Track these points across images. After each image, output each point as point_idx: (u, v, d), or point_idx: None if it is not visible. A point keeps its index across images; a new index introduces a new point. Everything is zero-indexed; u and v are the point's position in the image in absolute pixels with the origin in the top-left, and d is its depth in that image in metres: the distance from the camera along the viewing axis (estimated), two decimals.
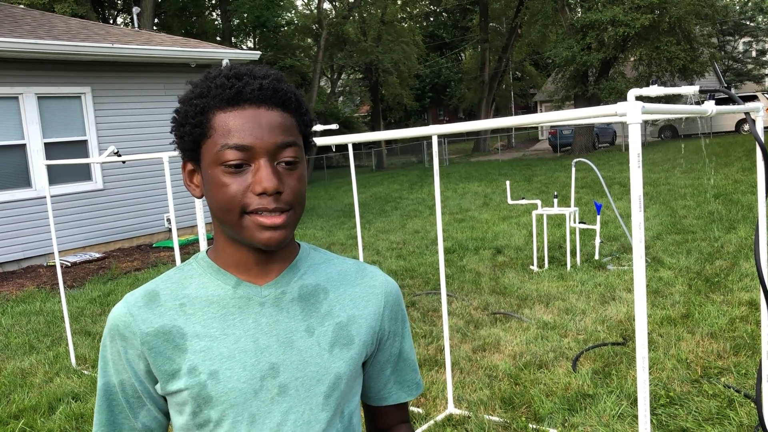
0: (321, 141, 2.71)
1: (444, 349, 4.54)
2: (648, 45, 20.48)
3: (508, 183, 6.97)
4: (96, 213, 9.86)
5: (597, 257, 6.91)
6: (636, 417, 3.36)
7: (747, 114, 2.40)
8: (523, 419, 3.43)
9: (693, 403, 3.44)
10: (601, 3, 20.72)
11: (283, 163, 0.93)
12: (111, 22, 29.11)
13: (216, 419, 0.95)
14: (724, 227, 7.83)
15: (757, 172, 2.37)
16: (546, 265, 6.83)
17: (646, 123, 24.69)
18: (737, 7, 34.39)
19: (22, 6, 14.33)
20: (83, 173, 9.82)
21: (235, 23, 29.61)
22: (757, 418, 3.17)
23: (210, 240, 10.10)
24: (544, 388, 3.81)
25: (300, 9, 36.22)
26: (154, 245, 10.37)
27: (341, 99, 41.97)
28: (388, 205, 13.94)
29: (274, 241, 0.92)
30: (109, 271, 8.55)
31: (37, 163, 9.15)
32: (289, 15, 33.83)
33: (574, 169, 7.02)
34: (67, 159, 8.23)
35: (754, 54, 35.08)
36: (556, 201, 6.76)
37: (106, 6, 28.91)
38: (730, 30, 34.02)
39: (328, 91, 35.01)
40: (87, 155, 9.73)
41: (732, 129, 24.51)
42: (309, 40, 33.93)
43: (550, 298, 5.65)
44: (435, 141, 3.48)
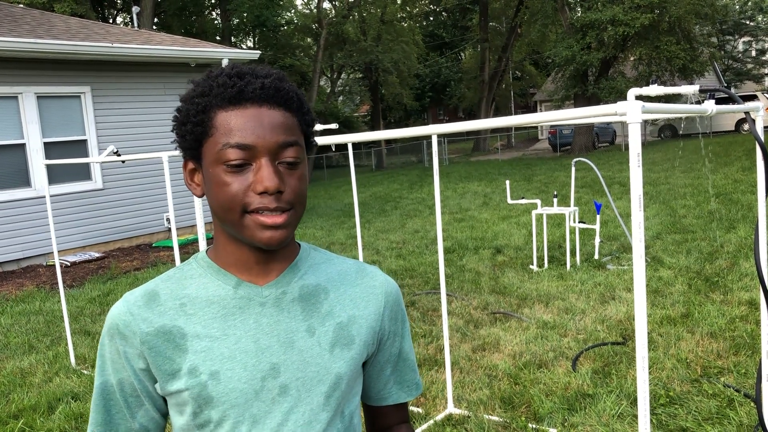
0: (321, 140, 2.70)
1: (444, 349, 4.54)
2: (648, 44, 20.48)
3: (507, 182, 6.97)
4: (95, 212, 9.86)
5: (597, 257, 6.91)
6: (636, 416, 3.36)
7: (747, 113, 2.40)
8: (523, 419, 3.43)
9: (693, 403, 3.44)
10: (601, 2, 20.72)
11: (285, 163, 0.93)
12: (110, 21, 29.10)
13: (217, 420, 0.95)
14: (723, 227, 7.83)
15: (757, 171, 2.36)
16: (546, 265, 6.83)
17: (645, 122, 24.69)
18: (737, 7, 34.38)
19: (21, 5, 14.32)
20: (83, 173, 9.81)
21: (235, 23, 29.60)
22: (757, 417, 3.17)
23: (210, 239, 10.10)
24: (543, 387, 3.81)
25: (300, 8, 36.23)
26: (153, 245, 10.37)
27: (341, 98, 41.97)
28: (387, 205, 13.93)
29: (275, 241, 0.92)
30: (109, 271, 8.54)
31: (37, 163, 9.15)
32: (289, 14, 33.84)
33: (573, 169, 7.02)
34: (67, 159, 8.22)
35: (753, 53, 35.08)
36: (555, 200, 6.76)
37: (105, 5, 28.89)
38: (729, 29, 34.01)
39: (327, 91, 35.02)
40: (86, 155, 9.73)
41: (732, 128, 24.51)
42: (309, 39, 33.93)
43: (549, 297, 5.65)
44: (435, 140, 3.49)
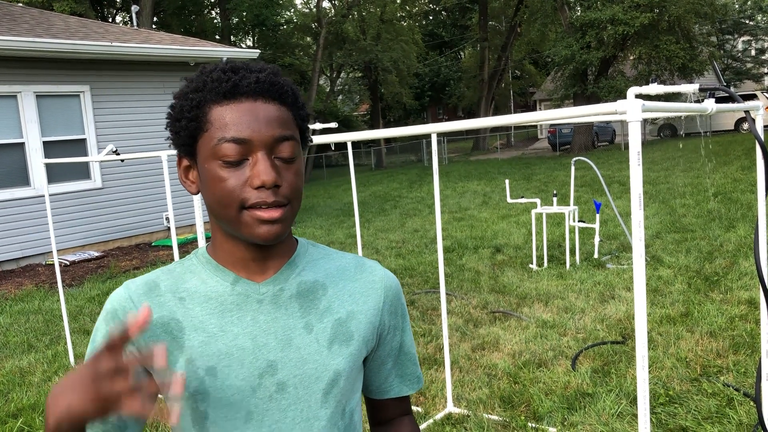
0: (320, 139, 2.70)
1: (443, 348, 4.53)
2: (647, 44, 20.48)
3: (507, 182, 6.97)
4: (95, 212, 9.85)
5: (596, 256, 6.91)
6: (635, 416, 3.36)
7: (747, 112, 2.40)
8: (523, 418, 3.42)
9: (692, 402, 3.44)
10: (601, 2, 20.72)
11: (281, 157, 0.92)
12: (110, 20, 29.08)
13: (213, 416, 0.94)
14: (723, 226, 7.82)
15: (757, 170, 2.36)
16: (545, 264, 6.83)
17: (645, 122, 24.69)
18: (736, 6, 34.39)
19: (20, 4, 14.31)
20: (82, 172, 9.80)
21: (234, 22, 29.59)
22: (757, 416, 3.16)
23: (209, 238, 10.10)
24: (543, 386, 3.81)
25: (299, 7, 36.21)
26: (152, 244, 10.37)
27: (340, 98, 41.95)
28: (387, 204, 13.93)
29: (272, 235, 0.91)
30: (108, 270, 8.54)
31: (36, 162, 9.14)
32: (288, 13, 33.84)
33: (573, 168, 7.01)
34: (66, 157, 8.23)
35: (753, 53, 35.09)
36: (555, 200, 6.76)
37: (104, 4, 28.87)
38: (729, 29, 34.02)
39: (327, 90, 34.99)
40: (86, 154, 9.72)
41: (731, 128, 24.51)
42: (308, 38, 33.92)
43: (549, 296, 5.65)
44: (434, 139, 3.48)
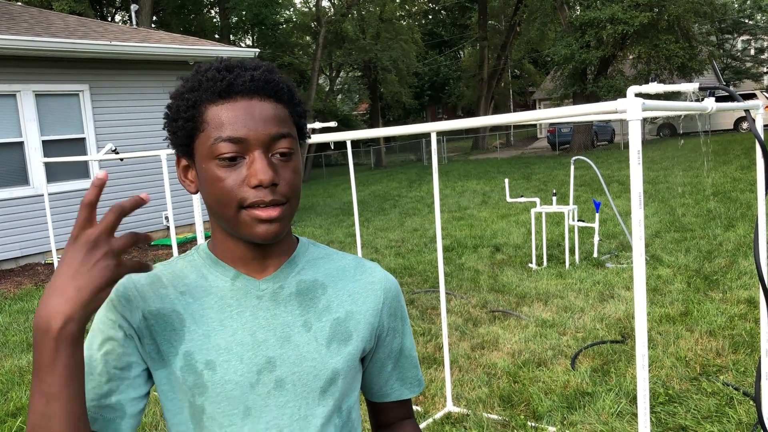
0: (320, 138, 2.70)
1: (443, 347, 4.53)
2: (647, 43, 20.48)
3: (506, 181, 6.97)
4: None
5: (596, 255, 6.91)
6: (635, 415, 3.36)
7: (747, 111, 2.39)
8: (522, 417, 3.42)
9: (692, 401, 3.44)
10: (600, 1, 20.72)
11: (278, 155, 0.91)
12: (109, 19, 29.07)
13: (210, 410, 0.94)
14: (722, 225, 7.82)
15: (757, 170, 2.36)
16: (545, 263, 6.83)
17: (644, 121, 24.68)
18: (736, 5, 34.40)
19: (19, 3, 14.30)
20: (81, 171, 9.80)
21: (234, 21, 29.58)
22: (756, 416, 3.16)
23: (208, 237, 10.09)
24: (542, 386, 3.81)
25: (298, 6, 36.20)
26: (152, 243, 10.36)
27: (340, 97, 41.94)
28: (386, 204, 13.93)
29: (270, 234, 0.91)
30: None
31: (35, 161, 9.13)
32: (288, 13, 33.82)
33: (572, 167, 7.01)
34: (65, 157, 8.22)
35: (752, 52, 35.10)
36: (554, 199, 6.76)
37: (103, 3, 28.86)
38: (728, 28, 34.03)
39: (326, 89, 34.98)
40: (85, 153, 9.72)
41: (730, 127, 24.51)
42: (307, 37, 33.90)
43: (548, 296, 5.65)
44: (434, 138, 3.47)
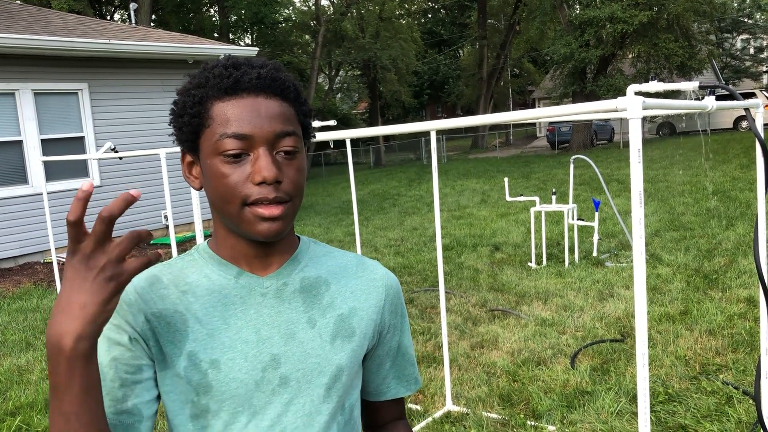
0: (319, 136, 2.69)
1: (442, 346, 4.53)
2: (646, 42, 20.48)
3: (506, 180, 6.96)
4: (93, 210, 9.84)
5: (595, 254, 6.91)
6: (634, 414, 3.36)
7: (747, 110, 2.39)
8: (522, 416, 3.42)
9: (691, 400, 3.44)
10: (599, 0, 20.71)
11: (282, 153, 0.92)
12: (108, 18, 29.04)
13: (215, 409, 0.94)
14: (722, 224, 7.83)
15: (757, 169, 2.36)
16: (544, 262, 6.82)
17: (644, 120, 24.69)
18: (735, 4, 34.41)
19: (18, 2, 14.29)
20: (80, 170, 9.79)
21: (233, 19, 29.57)
22: (756, 414, 3.16)
23: (207, 236, 10.08)
24: (542, 385, 3.81)
25: (298, 5, 36.18)
26: (151, 242, 10.36)
27: (339, 96, 41.92)
28: (386, 202, 13.93)
29: (272, 232, 0.91)
30: None
31: (34, 160, 9.12)
32: (287, 11, 33.80)
33: (572, 166, 7.01)
34: (64, 155, 8.21)
35: (752, 51, 35.11)
36: (554, 198, 6.76)
37: (102, 2, 28.84)
38: (728, 27, 34.05)
39: (325, 88, 34.98)
40: (84, 152, 9.70)
41: (730, 126, 24.52)
42: (307, 36, 33.89)
43: (548, 294, 5.65)
44: (433, 137, 3.47)
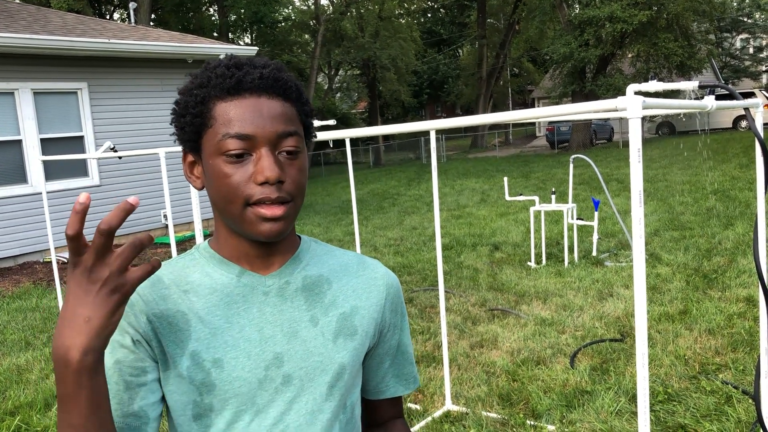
0: (319, 136, 2.69)
1: (441, 346, 4.53)
2: (646, 41, 20.48)
3: (505, 179, 6.96)
4: (92, 209, 9.83)
5: (594, 254, 6.91)
6: (634, 413, 3.36)
7: (746, 110, 2.39)
8: (521, 416, 3.42)
9: (691, 400, 3.44)
10: None
11: (285, 153, 0.92)
12: (107, 17, 29.03)
13: (218, 408, 0.94)
14: (721, 224, 7.83)
15: (756, 168, 2.36)
16: (544, 262, 6.83)
17: (643, 119, 24.70)
18: (735, 4, 34.42)
19: (17, 1, 14.27)
20: (79, 169, 9.78)
21: (232, 19, 29.57)
22: (755, 414, 3.17)
23: (206, 236, 10.08)
24: (541, 384, 3.81)
25: (297, 5, 36.17)
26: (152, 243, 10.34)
27: (338, 95, 41.92)
28: (385, 202, 13.93)
29: (274, 233, 0.91)
30: None
31: (33, 159, 9.11)
32: (287, 11, 33.80)
33: (571, 166, 7.01)
34: (63, 155, 8.20)
35: (751, 51, 35.12)
36: (553, 197, 6.76)
37: (102, 1, 28.82)
38: (727, 27, 34.05)
39: (325, 87, 34.98)
40: (83, 151, 9.70)
41: (729, 126, 24.53)
42: (306, 36, 33.89)
43: (547, 294, 5.65)
44: (433, 136, 3.47)
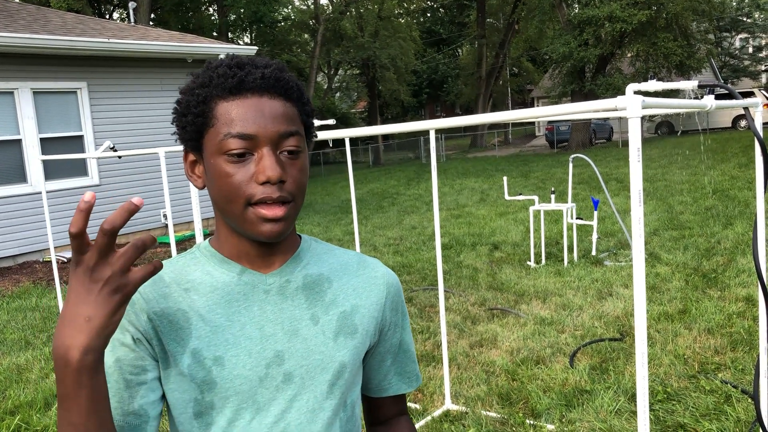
0: (318, 135, 2.69)
1: (441, 345, 4.53)
2: (645, 41, 20.48)
3: (505, 179, 6.96)
4: (92, 208, 9.84)
5: (594, 253, 6.91)
6: (633, 413, 3.37)
7: (746, 109, 2.40)
8: (521, 415, 3.42)
9: (690, 399, 3.44)
10: None
11: (286, 152, 0.93)
12: (107, 17, 29.01)
13: (219, 406, 0.95)
14: (721, 223, 7.83)
15: (756, 167, 2.36)
16: (543, 261, 6.83)
17: (643, 119, 24.70)
18: (734, 4, 34.41)
19: (17, 0, 14.26)
20: (79, 169, 9.78)
21: (232, 18, 29.55)
22: (755, 413, 3.17)
23: (206, 236, 10.08)
24: (541, 383, 3.81)
25: (297, 4, 36.15)
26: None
27: (338, 95, 41.92)
28: (385, 201, 13.93)
29: (274, 233, 0.92)
30: None
31: (33, 159, 9.11)
32: (286, 10, 33.78)
33: (571, 165, 7.01)
34: (63, 154, 8.21)
35: (750, 50, 35.12)
36: (553, 197, 6.76)
37: (101, 1, 28.80)
38: (726, 26, 34.05)
39: (324, 87, 34.98)
40: (83, 151, 9.70)
41: (729, 125, 24.54)
42: (306, 35, 33.89)
43: (547, 293, 5.65)
44: (432, 136, 3.47)
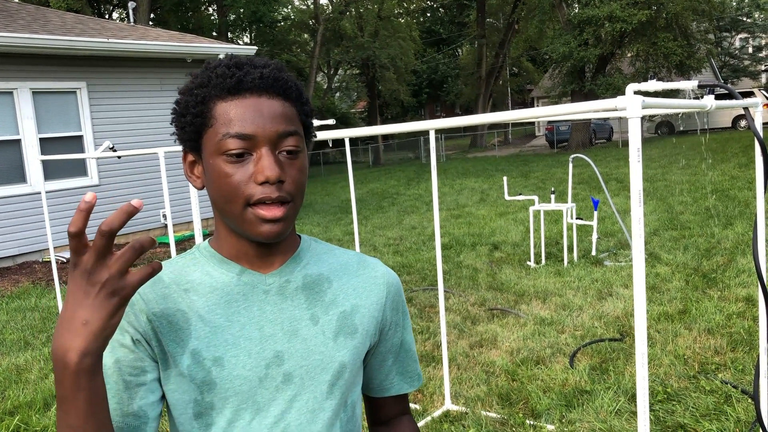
0: (318, 135, 2.69)
1: (441, 345, 4.53)
2: (645, 41, 20.48)
3: (505, 179, 6.96)
4: (94, 209, 9.83)
5: (594, 253, 6.91)
6: (633, 413, 3.36)
7: (746, 109, 2.39)
8: (521, 415, 3.42)
9: (690, 399, 3.44)
10: None
11: (285, 152, 0.92)
12: (106, 17, 29.01)
13: (218, 406, 0.95)
14: (721, 223, 7.83)
15: (756, 167, 2.36)
16: (543, 261, 6.83)
17: (643, 119, 24.69)
18: (734, 4, 34.42)
19: (16, 0, 14.26)
20: (79, 169, 9.78)
21: (232, 18, 29.55)
22: (755, 413, 3.17)
23: (206, 236, 10.07)
24: (541, 384, 3.81)
25: (296, 4, 36.16)
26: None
27: (338, 95, 41.92)
28: (385, 201, 13.92)
29: (273, 234, 0.92)
30: None
31: (32, 159, 9.10)
32: (286, 10, 33.78)
33: (571, 165, 7.01)
34: (62, 154, 8.20)
35: (750, 50, 35.12)
36: (553, 197, 6.76)
37: (101, 1, 28.80)
38: (726, 26, 34.06)
39: (324, 87, 34.98)
40: (82, 151, 9.69)
41: (728, 125, 24.54)
42: (305, 35, 33.89)
43: (547, 294, 5.65)
44: (432, 136, 3.46)
